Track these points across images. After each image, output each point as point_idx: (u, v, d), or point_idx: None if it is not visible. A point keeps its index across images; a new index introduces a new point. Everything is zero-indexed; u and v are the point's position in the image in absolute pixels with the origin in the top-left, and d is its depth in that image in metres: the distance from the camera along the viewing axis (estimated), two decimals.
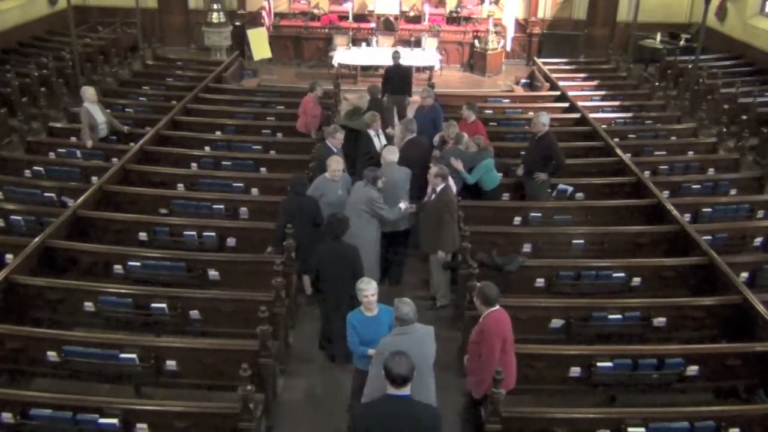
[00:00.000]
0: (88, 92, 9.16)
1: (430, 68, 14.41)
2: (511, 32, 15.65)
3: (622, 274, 6.75)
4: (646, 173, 8.94)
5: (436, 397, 4.74)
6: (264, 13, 15.41)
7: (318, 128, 9.63)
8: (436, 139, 8.47)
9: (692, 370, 5.54)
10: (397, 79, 10.94)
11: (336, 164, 6.82)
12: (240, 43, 15.51)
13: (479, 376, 4.91)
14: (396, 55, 11.12)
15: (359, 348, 5.01)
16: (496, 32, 15.58)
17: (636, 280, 6.78)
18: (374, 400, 3.99)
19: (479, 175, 7.80)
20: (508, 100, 12.44)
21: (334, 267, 5.82)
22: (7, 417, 4.76)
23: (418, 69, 14.90)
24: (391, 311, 4.89)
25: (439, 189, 6.55)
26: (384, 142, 8.20)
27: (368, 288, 4.96)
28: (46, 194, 8.04)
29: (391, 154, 7.17)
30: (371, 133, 8.16)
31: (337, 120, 10.94)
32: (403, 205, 6.83)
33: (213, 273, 6.71)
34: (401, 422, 3.73)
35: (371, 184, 6.62)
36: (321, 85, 9.77)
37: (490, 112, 11.30)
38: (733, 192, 8.86)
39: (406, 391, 3.76)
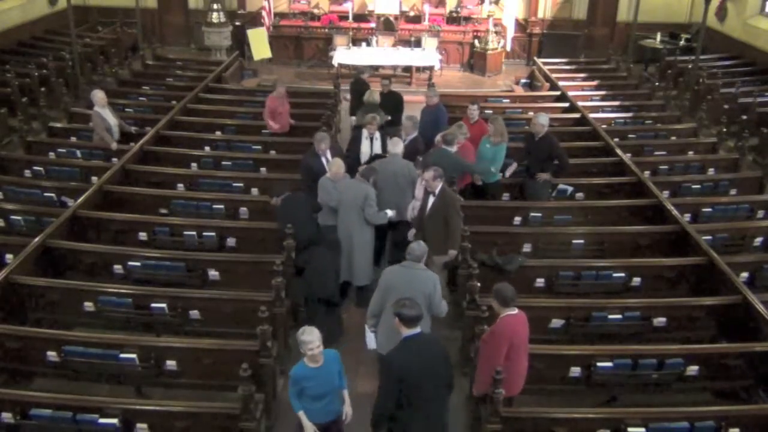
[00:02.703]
0: (98, 96, 9.12)
1: (430, 68, 14.42)
2: (511, 32, 15.66)
3: (622, 274, 6.74)
4: (646, 173, 8.93)
5: None
6: (264, 13, 15.41)
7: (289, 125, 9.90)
8: (438, 138, 8.45)
9: (692, 370, 5.54)
10: (389, 109, 9.56)
11: (337, 167, 6.81)
12: (240, 43, 15.51)
13: (480, 374, 4.94)
14: (385, 84, 10.07)
15: (295, 403, 4.53)
16: (496, 32, 15.57)
17: (636, 280, 6.78)
18: (396, 347, 4.45)
19: (501, 163, 8.02)
20: (508, 100, 12.46)
21: (318, 272, 6.29)
22: (7, 417, 4.76)
23: (418, 69, 14.94)
24: (337, 356, 4.59)
25: (437, 191, 6.53)
26: (378, 146, 8.06)
27: (312, 339, 4.32)
28: (46, 194, 8.03)
29: (395, 147, 7.28)
30: (364, 133, 8.07)
31: (337, 120, 10.95)
32: (390, 212, 6.87)
33: (213, 273, 6.71)
34: (422, 355, 4.33)
35: (366, 181, 6.66)
36: (281, 84, 9.96)
37: (490, 112, 11.28)
38: (733, 192, 8.86)
39: (417, 329, 4.38)
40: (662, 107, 12.12)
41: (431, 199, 6.57)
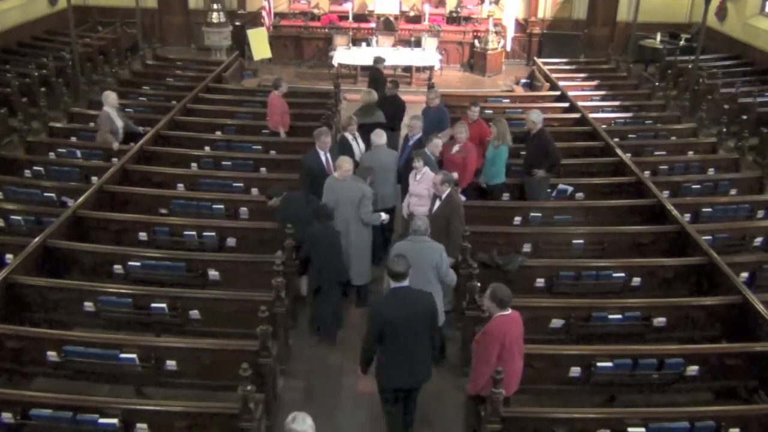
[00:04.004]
0: (111, 97, 9.15)
1: (430, 68, 14.42)
2: (511, 32, 15.66)
3: (622, 274, 6.74)
4: (646, 173, 8.93)
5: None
6: (264, 13, 15.41)
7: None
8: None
9: (692, 370, 5.53)
10: (388, 113, 9.20)
11: (347, 164, 6.78)
12: (240, 43, 15.51)
13: (474, 375, 4.94)
14: (389, 87, 9.84)
15: None
16: (496, 32, 15.58)
17: (636, 280, 6.78)
18: (384, 295, 5.17)
19: (502, 165, 8.03)
20: (508, 100, 12.45)
21: (323, 249, 6.32)
22: (7, 417, 4.76)
23: (418, 69, 14.95)
24: None
25: (444, 195, 6.52)
26: (362, 145, 8.07)
27: (305, 429, 3.76)
28: (46, 194, 8.02)
29: (380, 138, 7.50)
30: (348, 136, 8.05)
31: (337, 120, 10.94)
32: (383, 216, 6.93)
33: (213, 273, 6.71)
34: (405, 304, 4.79)
35: (363, 180, 6.71)
36: (285, 82, 9.90)
37: (490, 112, 11.28)
38: (733, 192, 8.86)
39: (405, 282, 4.83)
40: (662, 107, 12.11)
41: (437, 203, 6.56)
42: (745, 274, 6.84)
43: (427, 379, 5.10)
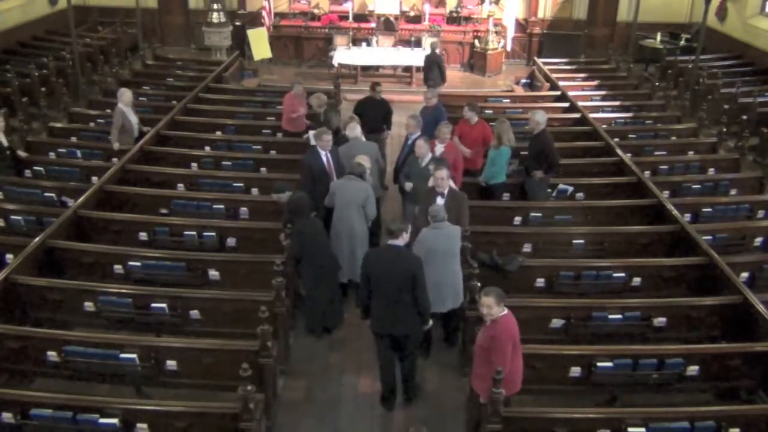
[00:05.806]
0: (126, 95, 9.15)
1: None
2: (511, 32, 15.66)
3: (622, 274, 6.74)
4: (646, 173, 8.93)
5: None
6: (264, 13, 15.41)
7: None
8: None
9: (692, 370, 5.53)
10: (377, 117, 9.19)
11: (366, 163, 6.86)
12: (240, 43, 15.52)
13: (488, 381, 4.81)
14: (379, 90, 9.39)
15: None
16: (496, 32, 15.58)
17: (636, 280, 6.78)
18: (377, 248, 5.99)
19: (502, 165, 8.03)
20: (508, 100, 12.45)
21: (316, 241, 6.40)
22: (7, 417, 4.76)
23: (419, 69, 14.92)
24: None
25: (446, 191, 6.53)
26: None
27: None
28: (46, 194, 8.03)
29: (353, 131, 7.66)
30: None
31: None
32: None
33: (213, 273, 6.71)
34: (389, 260, 5.31)
35: (360, 178, 6.72)
36: (299, 83, 9.96)
37: (490, 112, 11.28)
38: (733, 192, 8.86)
39: (398, 242, 5.33)
40: (662, 107, 12.11)
41: (439, 200, 6.55)
42: (745, 274, 6.84)
43: (410, 333, 5.44)
